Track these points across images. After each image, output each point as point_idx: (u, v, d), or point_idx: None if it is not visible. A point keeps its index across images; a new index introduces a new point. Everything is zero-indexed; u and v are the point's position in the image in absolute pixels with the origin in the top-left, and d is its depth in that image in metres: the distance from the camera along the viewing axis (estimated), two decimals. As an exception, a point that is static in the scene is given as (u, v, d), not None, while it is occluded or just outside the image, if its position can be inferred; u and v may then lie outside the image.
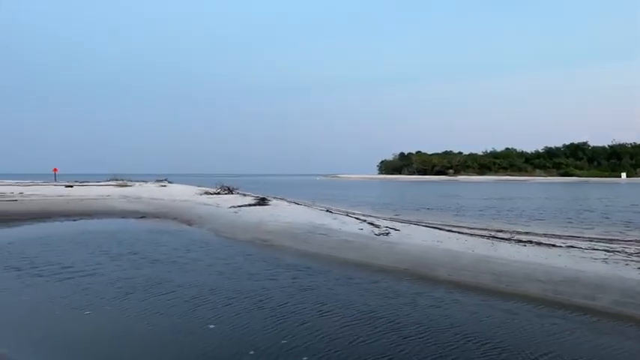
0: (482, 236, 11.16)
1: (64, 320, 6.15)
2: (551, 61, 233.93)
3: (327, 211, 16.78)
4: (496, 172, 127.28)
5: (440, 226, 13.09)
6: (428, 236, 10.88)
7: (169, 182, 36.60)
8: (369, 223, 12.87)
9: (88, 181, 36.57)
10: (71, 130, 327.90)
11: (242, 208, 17.24)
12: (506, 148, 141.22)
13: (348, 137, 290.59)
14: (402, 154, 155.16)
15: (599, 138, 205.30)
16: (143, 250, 11.11)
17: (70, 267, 9.11)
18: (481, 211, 22.85)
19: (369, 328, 5.74)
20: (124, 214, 19.11)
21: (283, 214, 15.22)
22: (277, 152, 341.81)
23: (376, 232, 11.24)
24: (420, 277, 8.39)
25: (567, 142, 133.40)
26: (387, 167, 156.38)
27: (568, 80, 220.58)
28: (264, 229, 13.12)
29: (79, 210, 19.57)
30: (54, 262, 9.50)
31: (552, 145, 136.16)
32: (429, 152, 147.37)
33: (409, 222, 14.21)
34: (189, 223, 16.31)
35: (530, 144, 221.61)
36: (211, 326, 5.81)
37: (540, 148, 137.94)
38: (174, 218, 17.74)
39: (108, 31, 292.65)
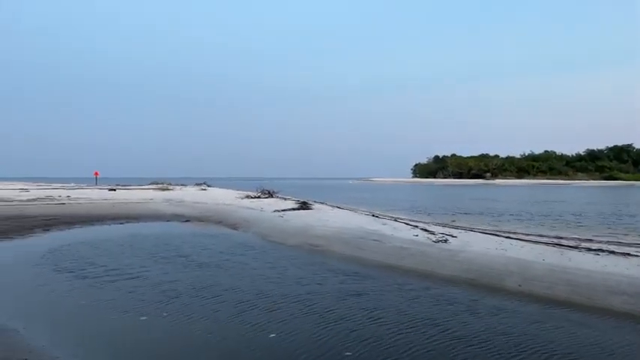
0: (546, 244, 10.46)
1: (112, 323, 6.04)
2: (593, 61, 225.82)
3: (374, 215, 16.33)
4: (535, 176, 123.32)
5: (497, 233, 12.42)
6: (489, 244, 10.27)
7: (208, 186, 36.96)
8: (422, 229, 12.33)
9: (130, 185, 37.40)
10: (71, 131, 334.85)
11: (286, 212, 17.03)
12: (545, 151, 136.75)
13: (381, 140, 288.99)
14: (436, 157, 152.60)
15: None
16: (189, 253, 11.01)
17: (116, 269, 9.14)
18: (518, 215, 22.07)
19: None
20: (169, 218, 19.26)
21: (330, 218, 14.89)
22: (306, 155, 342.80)
23: (433, 239, 10.68)
24: (488, 287, 7.82)
25: (610, 144, 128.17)
26: (421, 171, 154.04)
27: (610, 80, 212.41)
28: (313, 233, 12.81)
29: (124, 213, 19.87)
30: (105, 265, 9.51)
31: (595, 147, 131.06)
32: (465, 155, 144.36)
33: (463, 228, 13.57)
34: (234, 227, 16.20)
35: (571, 146, 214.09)
36: (271, 335, 5.52)
37: (582, 150, 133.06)
38: (219, 222, 17.69)
39: (108, 32, 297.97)
